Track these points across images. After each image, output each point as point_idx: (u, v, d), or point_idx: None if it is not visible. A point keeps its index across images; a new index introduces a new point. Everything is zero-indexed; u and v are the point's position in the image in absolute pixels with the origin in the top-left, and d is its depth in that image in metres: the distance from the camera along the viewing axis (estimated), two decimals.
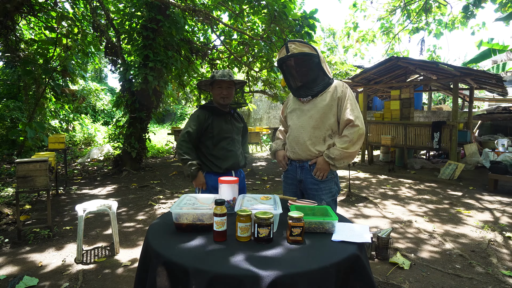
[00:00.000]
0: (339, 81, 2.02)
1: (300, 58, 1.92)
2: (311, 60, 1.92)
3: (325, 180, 1.96)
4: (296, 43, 1.92)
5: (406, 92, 7.95)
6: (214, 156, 2.20)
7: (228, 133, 2.22)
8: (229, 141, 2.23)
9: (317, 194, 1.96)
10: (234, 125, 2.28)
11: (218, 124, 2.18)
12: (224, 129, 2.20)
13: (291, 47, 1.91)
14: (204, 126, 2.16)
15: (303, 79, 1.97)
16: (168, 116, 21.83)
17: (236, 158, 2.24)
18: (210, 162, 2.20)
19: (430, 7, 9.19)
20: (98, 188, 5.62)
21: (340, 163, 1.90)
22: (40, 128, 5.45)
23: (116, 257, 2.89)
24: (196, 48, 7.85)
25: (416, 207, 4.54)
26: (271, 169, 7.85)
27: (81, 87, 13.98)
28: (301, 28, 5.51)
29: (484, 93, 12.24)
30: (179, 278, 1.07)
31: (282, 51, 1.96)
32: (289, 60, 1.95)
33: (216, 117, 2.20)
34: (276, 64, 2.18)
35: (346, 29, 10.83)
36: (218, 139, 2.19)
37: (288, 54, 1.91)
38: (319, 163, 1.92)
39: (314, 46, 1.95)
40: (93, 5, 6.87)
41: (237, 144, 2.29)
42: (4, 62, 7.01)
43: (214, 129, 2.17)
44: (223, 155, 2.20)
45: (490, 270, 2.65)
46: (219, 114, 2.21)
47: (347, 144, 1.86)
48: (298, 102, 2.05)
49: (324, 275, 1.06)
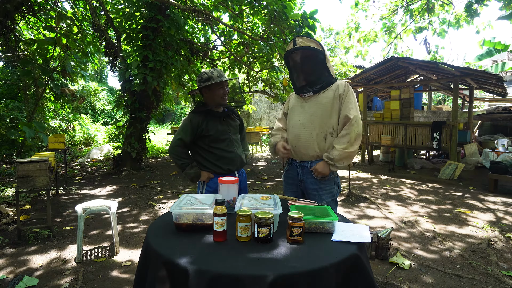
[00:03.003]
0: (341, 80, 2.05)
1: (306, 52, 1.95)
2: (316, 56, 1.96)
3: (325, 180, 1.96)
4: (304, 37, 1.97)
5: (406, 92, 7.95)
6: (214, 158, 2.16)
7: (225, 134, 2.18)
8: (228, 142, 2.19)
9: (318, 194, 1.97)
10: (230, 124, 2.25)
11: (213, 127, 2.14)
12: (220, 130, 2.16)
13: (298, 41, 1.96)
14: (198, 131, 2.11)
15: (306, 74, 1.99)
16: (168, 116, 21.83)
17: (237, 158, 2.22)
18: (210, 163, 2.16)
19: (433, 6, 9.17)
20: (98, 188, 5.62)
21: (340, 164, 1.91)
22: (40, 128, 5.44)
23: (116, 257, 2.89)
24: (196, 48, 7.86)
25: (416, 207, 4.54)
26: (271, 169, 7.85)
27: (80, 87, 13.98)
28: (301, 28, 5.51)
29: (484, 93, 12.23)
30: (179, 278, 1.06)
31: (290, 44, 2.01)
32: (295, 53, 1.98)
33: (211, 120, 2.15)
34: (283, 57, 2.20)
35: (348, 30, 10.82)
36: (215, 142, 2.15)
37: (295, 47, 1.96)
38: (320, 165, 1.93)
39: (321, 43, 1.98)
40: (92, 5, 6.87)
41: (236, 144, 2.25)
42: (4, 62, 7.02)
43: (209, 132, 2.12)
44: (224, 156, 2.16)
45: (490, 270, 2.65)
46: (214, 116, 2.16)
47: (346, 144, 1.88)
48: (299, 100, 2.06)
49: (324, 275, 1.06)
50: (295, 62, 2.02)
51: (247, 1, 6.16)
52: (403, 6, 9.60)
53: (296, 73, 2.04)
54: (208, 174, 2.15)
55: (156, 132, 14.78)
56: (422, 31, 9.80)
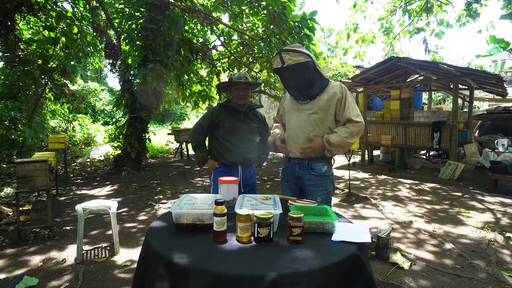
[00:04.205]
0: (335, 82, 2.06)
1: (296, 68, 1.91)
2: (306, 68, 1.93)
3: (322, 176, 2.00)
4: (290, 53, 1.89)
5: (406, 92, 7.95)
6: (222, 149, 2.34)
7: (239, 130, 2.34)
8: (239, 138, 2.34)
9: (314, 190, 2.01)
10: (248, 124, 2.39)
11: (229, 120, 2.32)
12: (236, 126, 2.33)
13: (286, 58, 1.89)
14: (216, 121, 2.33)
15: (300, 85, 1.99)
16: (168, 116, 21.82)
17: (243, 155, 2.35)
18: (218, 152, 2.36)
19: (431, 7, 9.17)
20: (98, 188, 5.61)
21: (336, 150, 1.95)
22: (40, 128, 5.44)
23: (116, 257, 2.89)
24: (196, 48, 7.85)
25: (416, 207, 4.54)
26: (271, 169, 7.85)
27: (80, 87, 13.97)
28: (301, 30, 5.51)
29: (484, 93, 12.23)
30: (179, 278, 1.06)
31: (277, 60, 1.95)
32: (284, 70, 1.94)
33: (229, 114, 2.34)
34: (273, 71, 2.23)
35: (347, 31, 10.82)
36: (228, 134, 2.33)
37: (284, 66, 1.90)
38: (316, 143, 1.95)
39: (307, 52, 1.95)
40: (92, 5, 6.87)
41: (247, 142, 2.38)
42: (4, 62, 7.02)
43: (225, 124, 2.32)
44: (231, 149, 2.32)
45: (490, 270, 2.65)
46: (234, 112, 2.34)
47: (348, 134, 1.92)
48: (297, 103, 2.08)
49: (324, 275, 1.06)
50: (285, 78, 1.99)
51: (246, 2, 6.16)
52: (401, 6, 9.59)
53: (289, 86, 2.02)
54: (213, 163, 2.37)
55: (156, 132, 14.77)
56: (420, 32, 9.80)
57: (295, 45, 1.97)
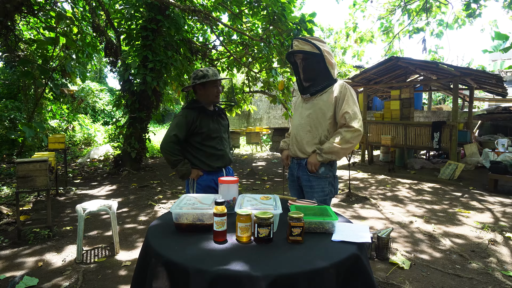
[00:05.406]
0: (341, 81, 2.03)
1: (299, 55, 2.02)
2: (310, 59, 1.98)
3: (318, 178, 1.98)
4: (300, 40, 2.00)
5: (406, 92, 7.95)
6: (204, 156, 2.19)
7: (216, 132, 2.22)
8: (218, 141, 2.23)
9: (310, 191, 2.01)
10: (220, 123, 2.29)
11: (206, 124, 2.17)
12: (212, 128, 2.19)
13: (294, 44, 2.02)
14: (192, 127, 2.13)
15: (305, 76, 2.06)
16: (168, 116, 21.80)
17: (227, 157, 2.29)
18: (199, 161, 2.19)
19: (430, 7, 9.16)
20: (98, 188, 5.61)
21: (328, 156, 1.91)
22: (40, 128, 5.44)
23: (116, 257, 2.89)
24: (196, 48, 7.85)
25: (416, 207, 4.53)
26: (271, 169, 7.85)
27: (80, 87, 13.95)
28: (299, 31, 5.51)
29: (484, 93, 12.23)
30: (179, 278, 1.06)
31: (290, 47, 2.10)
32: (294, 55, 2.06)
33: (204, 117, 2.18)
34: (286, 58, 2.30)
35: (346, 30, 10.82)
36: (207, 139, 2.18)
37: (289, 51, 2.04)
38: (311, 157, 1.97)
39: (318, 45, 1.94)
40: (92, 5, 6.86)
41: (225, 143, 2.31)
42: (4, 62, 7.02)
43: (202, 129, 2.15)
44: (214, 154, 2.21)
45: (490, 270, 2.65)
46: (207, 114, 2.19)
47: (339, 140, 1.89)
48: (301, 101, 2.12)
49: (324, 275, 1.06)
50: (294, 64, 2.11)
51: (246, 2, 6.16)
52: (400, 6, 9.59)
53: (297, 75, 2.12)
54: (198, 171, 2.19)
55: (156, 132, 14.77)
56: (419, 32, 9.79)
57: (314, 37, 2.04)
